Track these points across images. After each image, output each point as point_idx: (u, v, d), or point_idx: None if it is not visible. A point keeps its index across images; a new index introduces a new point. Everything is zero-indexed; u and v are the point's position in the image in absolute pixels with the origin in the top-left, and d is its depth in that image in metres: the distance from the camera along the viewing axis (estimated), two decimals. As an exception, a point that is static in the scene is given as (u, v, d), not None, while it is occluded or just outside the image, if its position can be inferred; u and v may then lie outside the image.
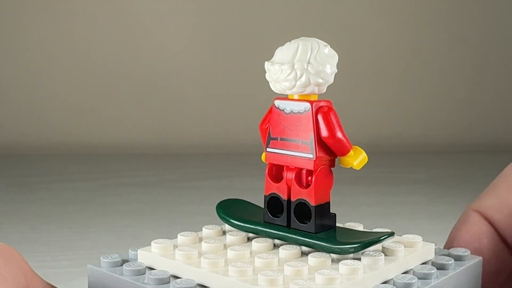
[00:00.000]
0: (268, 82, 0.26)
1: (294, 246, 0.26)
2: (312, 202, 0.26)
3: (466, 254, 0.27)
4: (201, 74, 1.34)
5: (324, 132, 0.25)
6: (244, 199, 0.29)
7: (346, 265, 0.24)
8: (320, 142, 0.25)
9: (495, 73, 1.39)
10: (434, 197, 0.94)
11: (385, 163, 1.18)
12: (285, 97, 0.27)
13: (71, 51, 1.33)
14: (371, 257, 0.25)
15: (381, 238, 0.26)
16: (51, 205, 0.89)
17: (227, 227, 0.29)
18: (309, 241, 0.26)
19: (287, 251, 0.25)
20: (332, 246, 0.26)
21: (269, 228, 0.27)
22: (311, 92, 0.26)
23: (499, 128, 1.35)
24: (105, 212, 0.86)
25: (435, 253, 0.28)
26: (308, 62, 0.26)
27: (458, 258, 0.27)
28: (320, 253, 0.26)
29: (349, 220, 0.31)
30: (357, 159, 0.26)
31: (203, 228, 0.28)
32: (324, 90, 0.26)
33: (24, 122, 1.29)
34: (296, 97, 0.26)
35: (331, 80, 0.26)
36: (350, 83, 1.35)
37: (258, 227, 0.27)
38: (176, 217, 0.83)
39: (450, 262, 0.27)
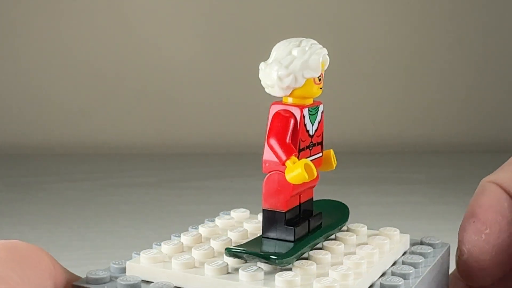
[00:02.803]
0: None
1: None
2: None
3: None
4: (201, 74, 1.34)
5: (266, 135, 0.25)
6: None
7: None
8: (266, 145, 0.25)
9: (496, 73, 1.39)
10: (434, 197, 0.94)
11: (385, 163, 1.18)
12: (279, 101, 0.27)
13: (70, 51, 1.33)
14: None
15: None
16: (51, 205, 0.89)
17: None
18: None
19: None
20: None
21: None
22: (281, 95, 0.26)
23: (499, 128, 1.35)
24: (105, 212, 0.86)
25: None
26: (266, 64, 0.26)
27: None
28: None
29: (350, 221, 0.31)
30: (290, 173, 0.25)
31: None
32: (278, 94, 0.26)
33: (24, 122, 1.29)
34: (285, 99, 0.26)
35: (279, 83, 0.26)
36: (350, 83, 1.35)
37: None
38: (176, 217, 0.83)
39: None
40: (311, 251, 0.26)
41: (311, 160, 0.26)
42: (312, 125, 0.27)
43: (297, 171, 0.25)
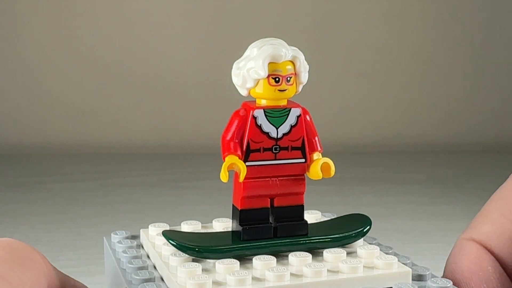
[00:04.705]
0: None
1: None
2: None
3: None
4: (201, 74, 1.34)
5: None
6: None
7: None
8: None
9: (496, 73, 1.39)
10: (434, 197, 0.94)
11: (385, 163, 1.18)
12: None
13: (70, 51, 1.33)
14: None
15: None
16: (51, 205, 0.89)
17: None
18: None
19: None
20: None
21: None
22: (243, 94, 0.27)
23: (500, 128, 1.35)
24: (105, 212, 0.86)
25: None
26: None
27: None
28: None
29: None
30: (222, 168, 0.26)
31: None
32: (242, 93, 0.27)
33: (24, 122, 1.29)
34: None
35: (236, 82, 0.27)
36: (350, 83, 1.35)
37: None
38: (176, 217, 0.83)
39: None
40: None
41: (278, 164, 0.26)
42: (277, 128, 0.26)
43: (222, 166, 0.26)
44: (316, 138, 0.28)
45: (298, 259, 0.25)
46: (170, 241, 0.26)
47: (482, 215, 0.27)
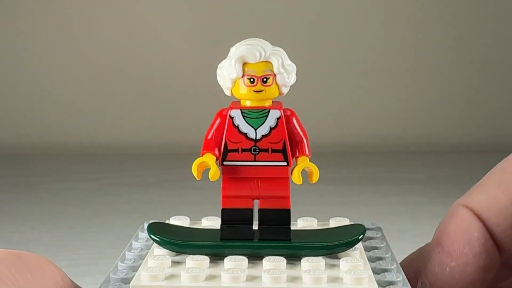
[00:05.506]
0: None
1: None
2: None
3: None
4: (201, 74, 1.34)
5: None
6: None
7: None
8: None
9: (497, 73, 1.39)
10: (434, 197, 0.94)
11: (385, 163, 1.18)
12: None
13: (70, 51, 1.33)
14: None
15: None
16: (51, 205, 0.89)
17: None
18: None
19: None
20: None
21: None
22: (227, 94, 0.28)
23: (499, 128, 1.35)
24: (105, 212, 0.86)
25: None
26: None
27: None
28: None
29: (350, 221, 0.31)
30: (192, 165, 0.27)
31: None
32: (226, 93, 0.27)
33: (24, 122, 1.29)
34: None
35: (219, 82, 0.27)
36: (350, 83, 1.35)
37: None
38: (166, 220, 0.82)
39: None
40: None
41: (258, 166, 0.26)
42: (255, 129, 0.26)
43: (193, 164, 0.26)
44: (304, 142, 0.27)
45: (271, 264, 0.25)
46: (151, 235, 0.27)
47: (479, 185, 0.29)
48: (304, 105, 1.45)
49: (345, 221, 0.30)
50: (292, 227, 0.26)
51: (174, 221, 0.31)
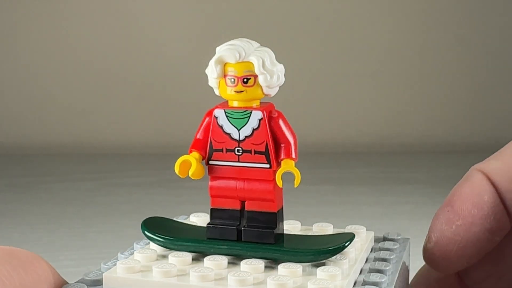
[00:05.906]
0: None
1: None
2: None
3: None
4: (201, 74, 1.33)
5: None
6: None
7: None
8: None
9: (497, 73, 1.39)
10: (434, 197, 0.94)
11: (385, 163, 1.18)
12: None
13: (70, 51, 1.33)
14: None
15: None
16: (51, 205, 0.89)
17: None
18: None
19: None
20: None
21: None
22: (217, 93, 0.28)
23: (500, 128, 1.35)
24: (105, 212, 0.86)
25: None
26: None
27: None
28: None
29: (350, 221, 0.31)
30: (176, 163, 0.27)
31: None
32: (216, 93, 0.27)
33: (24, 122, 1.29)
34: None
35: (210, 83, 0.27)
36: (350, 83, 1.35)
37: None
38: (176, 217, 0.82)
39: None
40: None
41: (242, 167, 0.26)
42: (238, 130, 0.26)
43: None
44: (291, 145, 0.26)
45: (249, 266, 0.25)
46: (143, 229, 0.28)
47: (498, 153, 0.29)
48: (305, 105, 1.45)
49: (328, 227, 0.29)
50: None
51: (193, 218, 0.31)
